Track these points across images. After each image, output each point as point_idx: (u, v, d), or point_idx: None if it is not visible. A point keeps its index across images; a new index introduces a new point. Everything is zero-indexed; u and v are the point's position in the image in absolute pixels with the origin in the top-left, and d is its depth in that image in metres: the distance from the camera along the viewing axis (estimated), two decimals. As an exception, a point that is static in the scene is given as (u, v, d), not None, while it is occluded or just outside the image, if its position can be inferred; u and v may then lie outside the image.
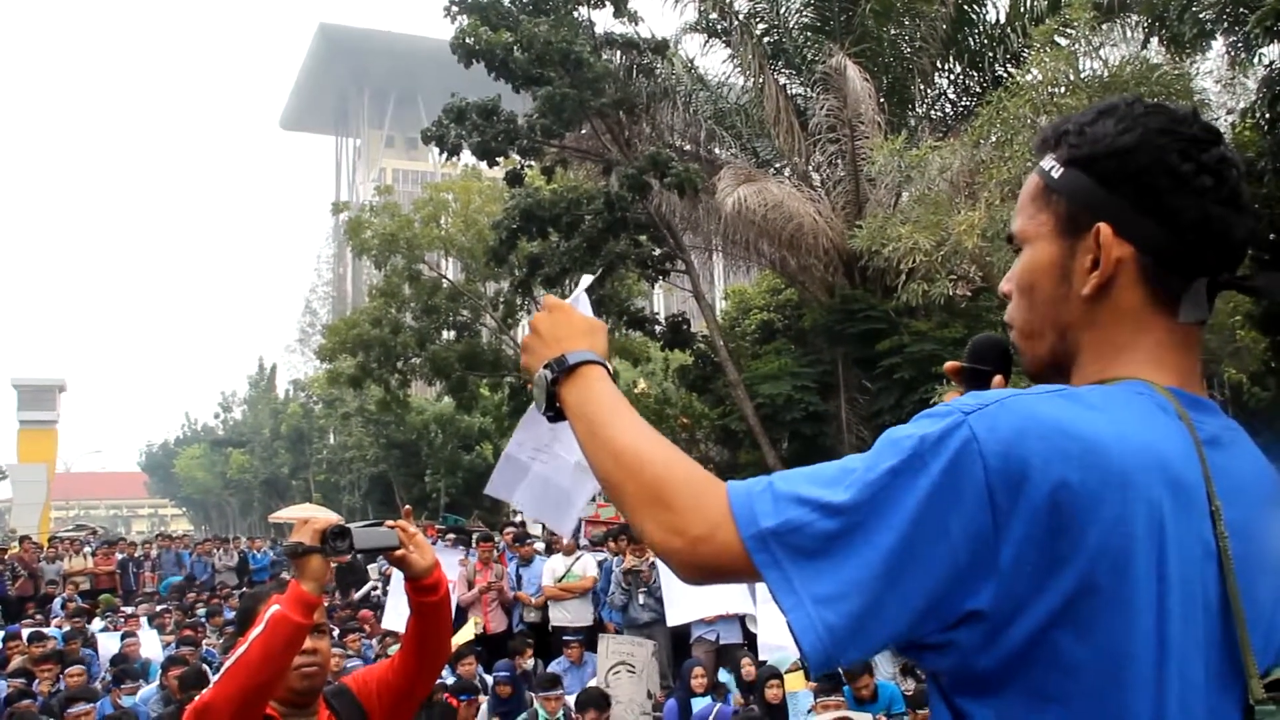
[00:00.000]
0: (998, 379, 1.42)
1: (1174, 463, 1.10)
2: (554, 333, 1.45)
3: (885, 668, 9.44)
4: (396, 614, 10.40)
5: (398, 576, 10.62)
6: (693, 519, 1.16)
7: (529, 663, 9.97)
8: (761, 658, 9.10)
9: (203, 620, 14.55)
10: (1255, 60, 10.68)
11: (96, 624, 14.59)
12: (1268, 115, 10.28)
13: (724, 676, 9.21)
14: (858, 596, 1.07)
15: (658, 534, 1.19)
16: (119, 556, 21.04)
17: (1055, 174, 1.26)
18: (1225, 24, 10.50)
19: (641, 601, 10.61)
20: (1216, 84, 11.22)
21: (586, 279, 2.04)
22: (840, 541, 1.09)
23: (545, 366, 1.40)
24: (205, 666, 10.55)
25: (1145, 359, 1.21)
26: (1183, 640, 1.07)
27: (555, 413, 1.39)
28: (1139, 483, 1.06)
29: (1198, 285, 1.20)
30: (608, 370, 1.40)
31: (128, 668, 10.34)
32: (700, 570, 1.17)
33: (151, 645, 11.93)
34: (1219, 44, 11.03)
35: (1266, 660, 1.13)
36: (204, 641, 12.51)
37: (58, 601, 17.09)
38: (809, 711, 7.77)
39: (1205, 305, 1.21)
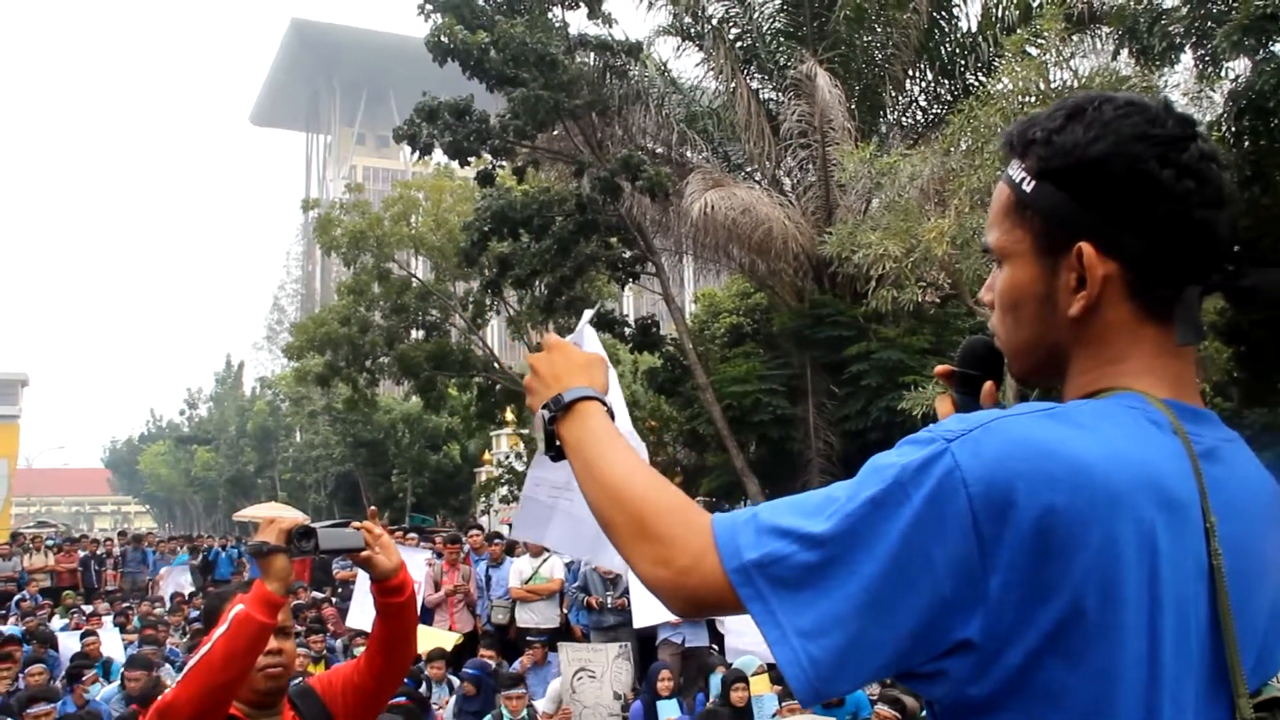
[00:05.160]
0: (988, 385, 1.37)
1: (1166, 480, 1.06)
2: (552, 371, 1.44)
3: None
4: (361, 613, 10.34)
5: (363, 576, 10.57)
6: (678, 551, 1.15)
7: (491, 664, 9.92)
8: (728, 660, 9.10)
9: (164, 619, 14.40)
10: (1222, 74, 10.81)
11: (57, 622, 14.42)
12: (1234, 129, 10.40)
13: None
14: (840, 630, 1.05)
15: (645, 566, 1.17)
16: (81, 554, 20.82)
17: (1027, 187, 1.19)
18: (1194, 37, 10.62)
19: (610, 605, 10.59)
20: (1184, 97, 11.33)
21: (588, 313, 2.15)
22: (821, 573, 1.06)
23: (544, 406, 1.40)
24: (167, 666, 10.47)
25: (1139, 370, 1.17)
26: (1175, 663, 1.04)
27: (556, 452, 1.38)
28: (1129, 503, 1.03)
29: (1189, 297, 1.15)
30: (604, 404, 1.39)
31: (83, 662, 10.21)
32: (688, 602, 1.16)
33: (113, 644, 11.78)
34: (1187, 57, 11.16)
35: (1259, 678, 1.11)
36: (167, 641, 12.39)
37: (16, 599, 16.87)
38: (774, 715, 7.78)
39: (1199, 323, 1.15)
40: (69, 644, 11.73)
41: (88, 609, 15.85)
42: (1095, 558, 1.01)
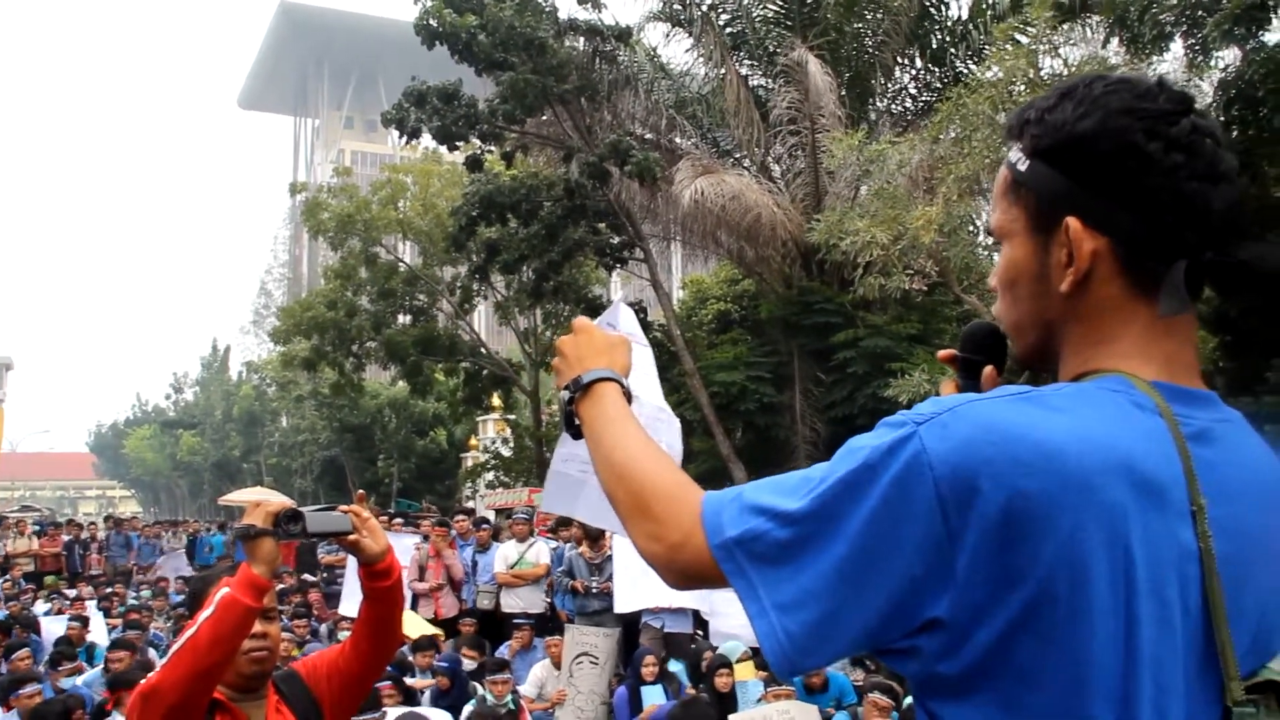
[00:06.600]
0: (989, 369, 1.38)
1: (1143, 462, 1.06)
2: (576, 353, 1.52)
3: (836, 658, 9.42)
4: (353, 601, 10.31)
5: (353, 562, 10.55)
6: (670, 527, 1.22)
7: (473, 664, 9.85)
8: (713, 644, 9.09)
9: (149, 604, 14.36)
10: (1212, 63, 10.81)
11: (40, 606, 14.37)
12: (1223, 119, 10.41)
13: (674, 666, 9.18)
14: (815, 605, 1.09)
15: (641, 540, 1.25)
16: (65, 538, 20.74)
17: (1021, 167, 1.20)
18: (1184, 26, 10.61)
19: (595, 589, 10.58)
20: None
21: (621, 295, 2.16)
22: (795, 550, 1.11)
23: (565, 387, 1.49)
24: (151, 650, 10.45)
25: (1128, 351, 1.16)
26: (1156, 646, 1.03)
27: (576, 430, 1.47)
28: (1099, 486, 1.02)
29: (1175, 272, 1.13)
30: (621, 385, 1.47)
31: (65, 650, 10.17)
32: (679, 576, 1.23)
33: (99, 629, 11.73)
34: (1177, 46, 11.15)
35: (1254, 661, 1.10)
36: (151, 625, 12.36)
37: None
38: (758, 701, 7.79)
39: (1184, 295, 1.14)
40: (52, 628, 11.68)
41: (71, 593, 15.79)
42: (1065, 541, 1.01)
